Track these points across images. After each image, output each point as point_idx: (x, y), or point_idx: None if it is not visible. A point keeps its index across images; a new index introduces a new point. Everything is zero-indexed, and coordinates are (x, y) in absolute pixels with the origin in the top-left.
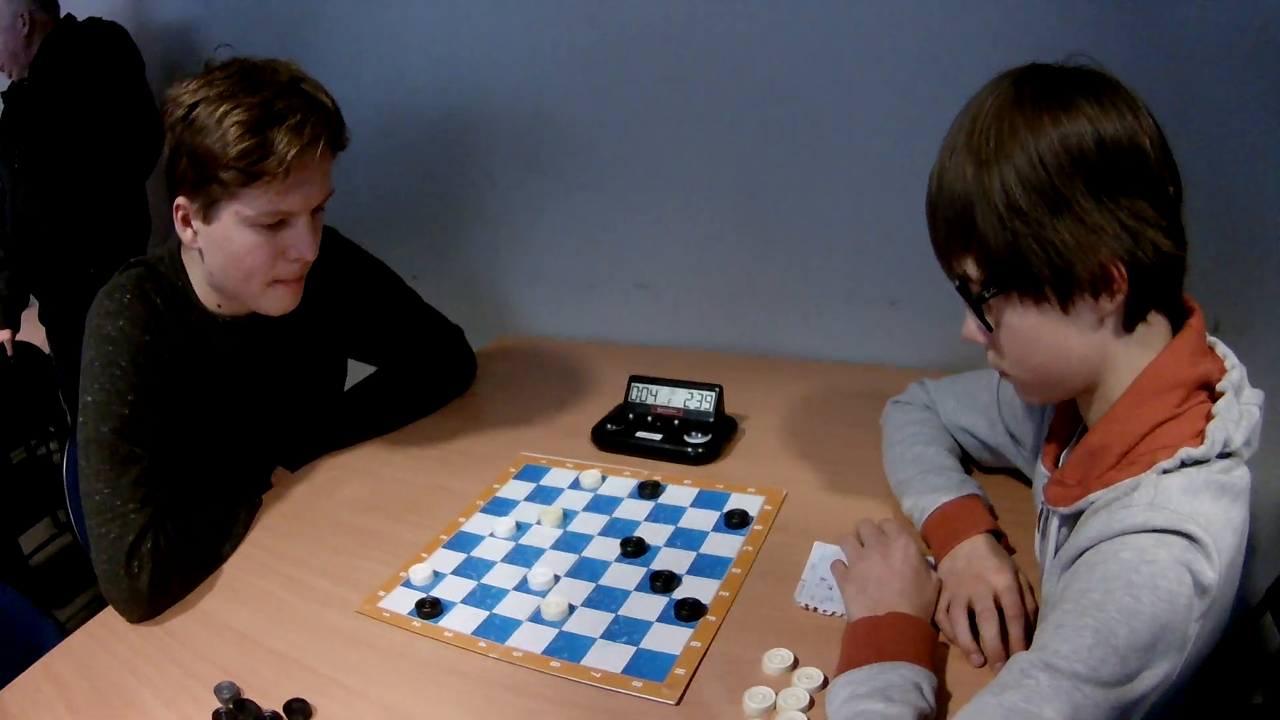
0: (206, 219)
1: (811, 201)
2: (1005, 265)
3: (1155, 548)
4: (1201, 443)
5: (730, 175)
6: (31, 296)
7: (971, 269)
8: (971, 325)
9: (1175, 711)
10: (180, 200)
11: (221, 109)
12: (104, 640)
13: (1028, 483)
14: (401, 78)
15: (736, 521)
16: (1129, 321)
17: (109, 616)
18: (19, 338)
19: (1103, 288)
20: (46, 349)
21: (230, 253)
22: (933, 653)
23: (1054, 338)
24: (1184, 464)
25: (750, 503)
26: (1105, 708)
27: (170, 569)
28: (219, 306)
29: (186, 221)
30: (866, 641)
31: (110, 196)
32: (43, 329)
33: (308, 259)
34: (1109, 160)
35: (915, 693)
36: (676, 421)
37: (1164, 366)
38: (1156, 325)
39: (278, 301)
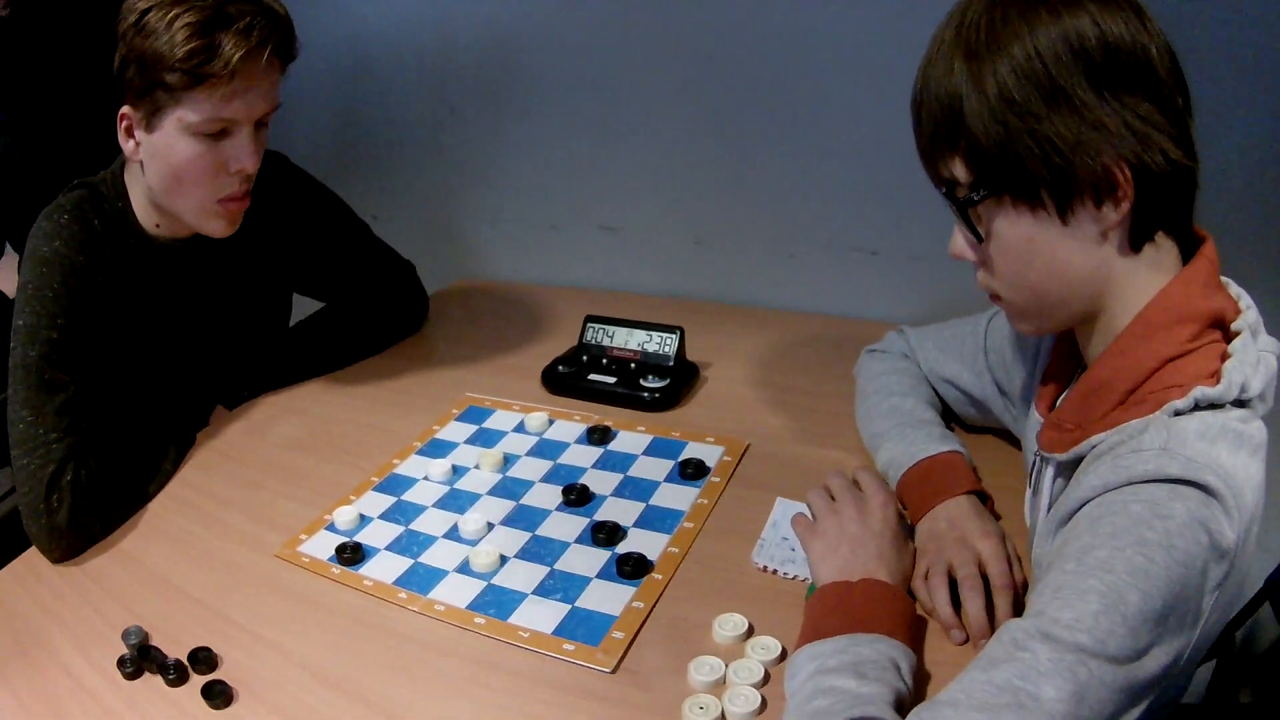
0: (149, 128)
1: (790, 143)
2: (996, 163)
3: (1170, 500)
4: (1217, 383)
5: (703, 113)
6: (10, 248)
7: (960, 170)
8: (960, 240)
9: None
10: (125, 109)
11: (173, 13)
12: (25, 580)
13: (1015, 444)
14: (361, 11)
15: (691, 472)
16: (1135, 239)
17: (33, 556)
18: None
19: (1106, 194)
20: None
21: (170, 163)
22: (911, 627)
23: (1051, 251)
24: (1198, 405)
25: (708, 453)
26: (1113, 688)
27: (91, 504)
28: (157, 227)
29: (130, 132)
30: (836, 609)
31: (108, 144)
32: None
33: (248, 170)
34: (1113, 59)
35: (892, 671)
36: (633, 365)
37: (1175, 295)
38: (1166, 250)
39: (214, 222)
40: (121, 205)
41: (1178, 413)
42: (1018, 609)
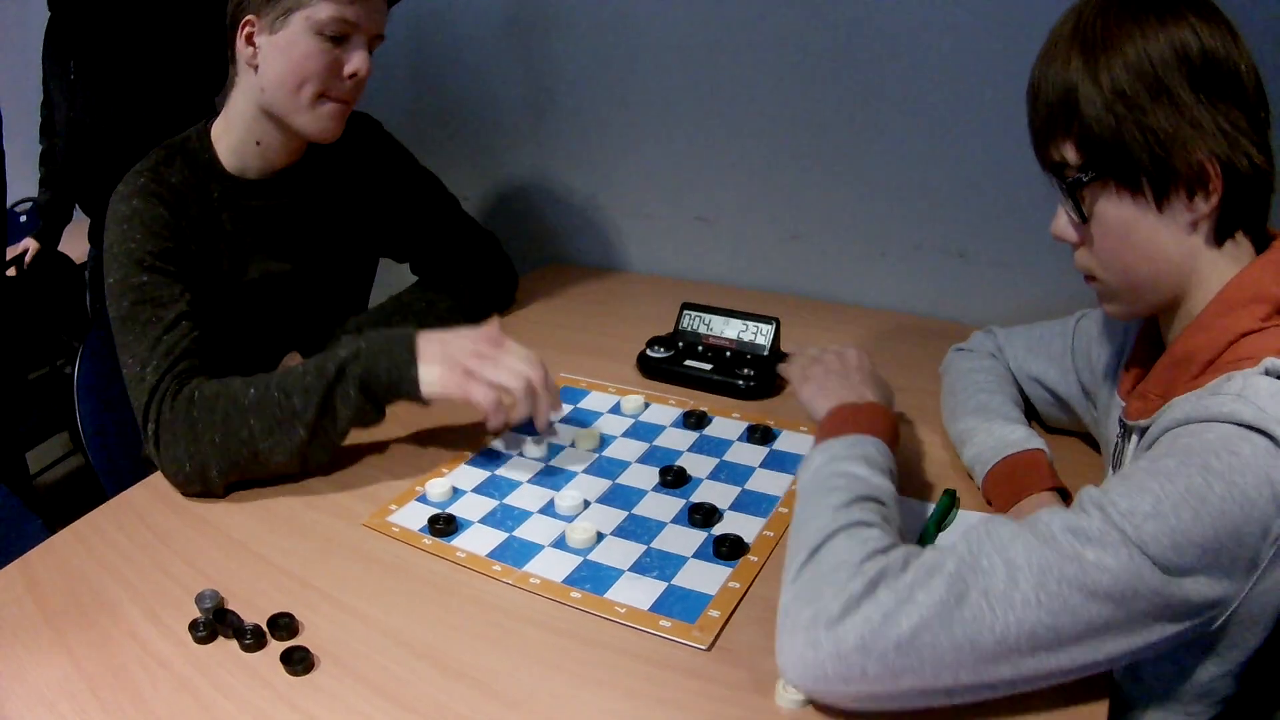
0: (274, 29)
1: (883, 144)
2: (1105, 149)
3: (1240, 441)
4: None
5: (799, 110)
6: (80, 212)
7: (1070, 153)
8: (1063, 220)
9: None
10: (249, 17)
11: None
12: (89, 541)
13: (1093, 447)
14: None
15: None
16: (1220, 233)
17: (97, 516)
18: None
19: (1198, 187)
20: (81, 266)
21: (291, 58)
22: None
23: (1146, 236)
24: (1268, 373)
25: (802, 442)
26: (1150, 589)
27: (198, 417)
28: (246, 170)
29: (250, 40)
30: (848, 422)
31: (179, 109)
32: (86, 245)
33: (361, 73)
34: (1210, 66)
35: (890, 475)
36: (728, 353)
37: (1250, 279)
38: (1244, 246)
39: (321, 121)
40: (208, 157)
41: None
42: None
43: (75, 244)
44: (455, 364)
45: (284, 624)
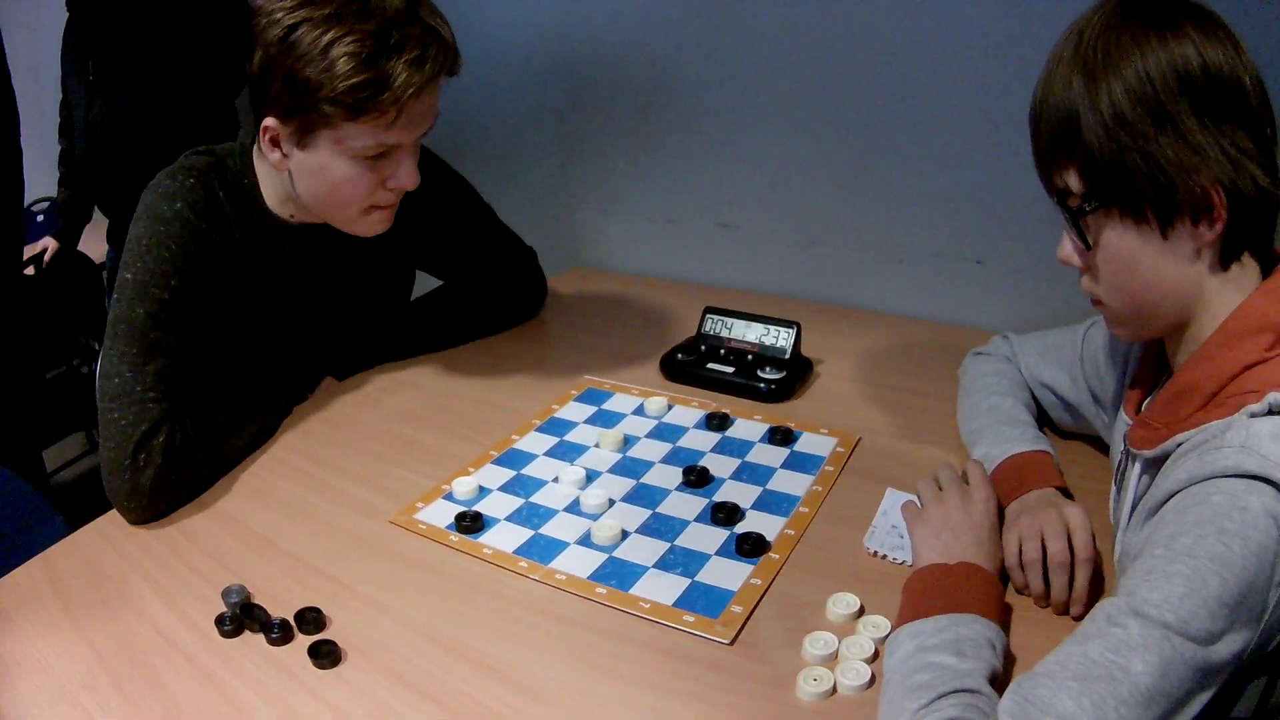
0: (301, 145)
1: (903, 152)
2: (1108, 177)
3: (1247, 494)
4: None
5: (820, 118)
6: (99, 213)
7: (1073, 181)
8: (1068, 246)
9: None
10: (270, 122)
11: (329, 36)
12: (112, 537)
13: (1102, 451)
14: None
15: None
16: (1225, 258)
17: (120, 515)
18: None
19: (1203, 214)
20: (100, 266)
21: (327, 182)
22: (1002, 609)
23: (1151, 264)
24: (1271, 410)
25: (822, 443)
26: (1191, 667)
27: (180, 469)
28: (291, 217)
29: (275, 144)
30: (936, 590)
31: (198, 111)
32: (105, 246)
33: (408, 189)
34: (1213, 86)
35: (988, 649)
36: (750, 356)
37: (1255, 307)
38: (1250, 268)
39: (372, 226)
40: (249, 183)
41: (1253, 415)
42: (1094, 595)
43: (94, 244)
44: None
45: (311, 618)
